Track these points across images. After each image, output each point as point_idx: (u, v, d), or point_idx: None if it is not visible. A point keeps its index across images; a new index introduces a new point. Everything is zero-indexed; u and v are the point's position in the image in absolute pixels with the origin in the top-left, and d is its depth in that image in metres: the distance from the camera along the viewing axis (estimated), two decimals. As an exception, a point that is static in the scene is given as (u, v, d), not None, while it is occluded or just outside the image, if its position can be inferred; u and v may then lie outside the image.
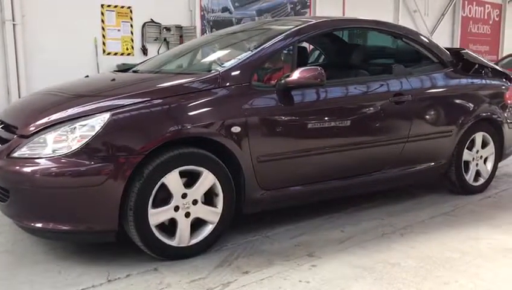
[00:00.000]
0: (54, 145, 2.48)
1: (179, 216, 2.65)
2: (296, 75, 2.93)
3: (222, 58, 3.44)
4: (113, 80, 3.24)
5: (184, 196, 2.65)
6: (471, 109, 3.88)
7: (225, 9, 8.91)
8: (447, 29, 13.37)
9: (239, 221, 3.06)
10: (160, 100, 2.67)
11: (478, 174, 4.09)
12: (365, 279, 2.49)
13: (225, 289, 2.38)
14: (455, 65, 3.96)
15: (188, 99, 2.72)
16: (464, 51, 4.15)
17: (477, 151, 4.03)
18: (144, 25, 7.89)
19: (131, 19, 7.77)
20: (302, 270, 2.59)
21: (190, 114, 2.69)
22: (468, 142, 3.93)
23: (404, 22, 11.06)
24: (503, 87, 4.21)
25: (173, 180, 2.60)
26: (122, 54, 7.73)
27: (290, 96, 3.00)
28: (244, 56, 3.01)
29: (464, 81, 3.96)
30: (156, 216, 2.58)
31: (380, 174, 3.48)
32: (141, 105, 2.61)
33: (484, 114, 3.97)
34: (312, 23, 3.41)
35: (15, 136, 2.63)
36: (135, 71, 3.69)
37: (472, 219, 3.43)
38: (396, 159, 3.54)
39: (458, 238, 3.06)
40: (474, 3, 14.00)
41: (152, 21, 7.96)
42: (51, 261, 2.70)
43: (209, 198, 2.77)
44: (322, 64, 4.59)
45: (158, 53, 7.48)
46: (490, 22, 14.64)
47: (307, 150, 3.07)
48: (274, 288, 2.39)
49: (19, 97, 6.42)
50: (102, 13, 7.46)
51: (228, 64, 2.99)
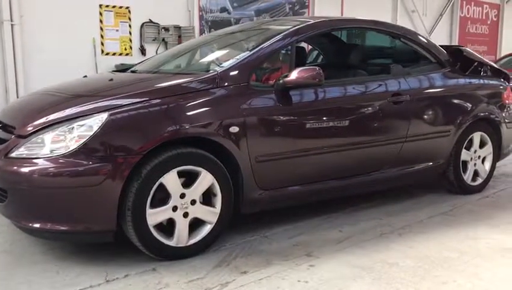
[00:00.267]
0: (52, 145, 2.48)
1: (177, 216, 2.65)
2: (294, 75, 2.93)
3: (220, 58, 3.44)
4: (111, 80, 3.24)
5: (182, 196, 2.65)
6: (469, 109, 3.88)
7: (223, 9, 8.90)
8: (445, 29, 13.38)
9: (237, 221, 3.06)
10: (158, 100, 2.66)
11: (476, 174, 4.09)
12: (363, 279, 2.49)
13: (223, 289, 2.38)
14: (453, 65, 3.96)
15: (186, 99, 2.72)
16: (464, 48, 4.16)
17: (475, 151, 4.04)
18: (142, 25, 7.88)
19: (129, 19, 7.76)
20: (301, 270, 2.59)
21: (188, 114, 2.69)
22: (466, 142, 3.94)
23: (402, 22, 11.07)
24: (501, 87, 4.22)
25: (171, 180, 2.60)
26: (120, 54, 7.72)
27: (288, 96, 3.00)
28: (242, 56, 3.01)
29: (462, 81, 3.96)
30: (154, 216, 2.58)
31: (379, 174, 3.49)
32: (139, 105, 2.60)
33: (482, 114, 3.98)
34: (310, 23, 3.42)
35: (13, 136, 2.63)
36: (133, 71, 3.69)
37: (470, 219, 3.44)
38: (394, 159, 3.54)
39: (456, 238, 3.06)
40: (472, 3, 14.02)
41: (150, 21, 7.95)
42: (49, 261, 2.69)
43: (207, 198, 2.77)
44: (320, 64, 4.59)
45: (156, 53, 7.48)
46: (488, 22, 14.65)
47: (305, 150, 3.08)
48: (272, 288, 2.39)
49: (17, 97, 6.41)
50: (100, 13, 7.45)
51: (226, 64, 2.99)
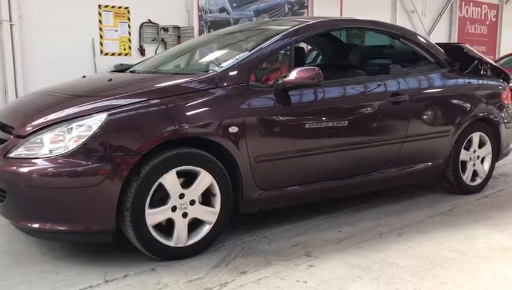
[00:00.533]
0: (51, 145, 2.48)
1: (177, 216, 2.65)
2: (294, 75, 2.93)
3: (220, 58, 3.43)
4: (110, 80, 3.24)
5: (181, 196, 2.65)
6: (468, 109, 3.88)
7: (223, 9, 8.91)
8: (444, 29, 13.41)
9: (237, 221, 3.06)
10: (157, 100, 2.66)
11: (475, 174, 4.09)
12: (363, 279, 2.49)
13: (223, 289, 2.38)
14: (452, 65, 3.96)
15: (186, 99, 2.72)
16: (464, 45, 4.17)
17: (474, 151, 4.04)
18: (142, 26, 7.89)
19: (128, 20, 7.77)
20: (300, 270, 2.59)
21: (187, 114, 2.69)
22: (465, 142, 3.94)
23: (401, 22, 11.09)
24: (500, 87, 4.22)
25: (170, 180, 2.60)
26: (119, 55, 7.73)
27: (288, 96, 3.00)
28: (241, 56, 3.01)
29: (461, 81, 3.97)
30: (153, 216, 2.58)
31: (378, 174, 3.49)
32: (138, 105, 2.60)
33: (481, 114, 3.98)
34: (309, 23, 3.41)
35: (12, 136, 2.63)
36: (132, 71, 3.68)
37: (470, 219, 3.44)
38: (393, 159, 3.54)
39: (456, 238, 3.07)
40: (471, 3, 14.04)
41: (150, 21, 7.96)
42: (48, 261, 2.69)
43: (206, 198, 2.77)
44: (320, 64, 4.59)
45: (156, 53, 7.48)
46: (487, 23, 14.68)
47: (305, 150, 3.07)
48: (271, 288, 2.39)
49: (16, 97, 6.40)
50: (99, 13, 7.46)
51: (226, 64, 2.99)
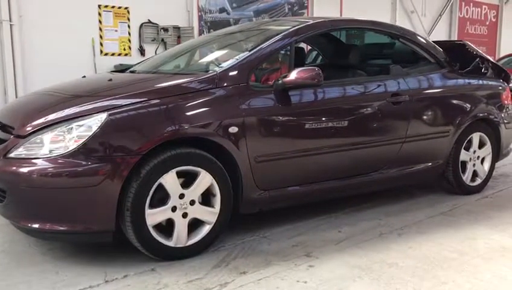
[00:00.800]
0: (51, 145, 2.48)
1: (176, 216, 2.64)
2: (294, 75, 2.93)
3: (220, 58, 3.43)
4: (110, 80, 3.24)
5: (181, 196, 2.65)
6: (468, 110, 3.89)
7: (222, 10, 8.91)
8: (444, 30, 13.41)
9: (236, 221, 3.06)
10: (157, 100, 2.66)
11: (475, 174, 4.09)
12: (363, 279, 2.49)
13: (222, 289, 2.38)
14: (452, 65, 3.96)
15: (186, 99, 2.72)
16: (466, 42, 4.17)
17: (474, 151, 4.04)
18: (142, 26, 7.89)
19: (128, 20, 7.77)
20: (300, 270, 2.59)
21: (187, 114, 2.69)
22: (465, 142, 3.94)
23: (401, 23, 11.09)
24: (500, 87, 4.22)
25: (170, 180, 2.59)
26: (119, 55, 7.73)
27: (288, 96, 3.00)
28: (241, 56, 3.01)
29: (461, 81, 3.97)
30: (153, 216, 2.58)
31: (378, 174, 3.49)
32: (138, 105, 2.60)
33: (481, 114, 3.98)
34: (309, 23, 3.41)
35: (12, 136, 2.63)
36: (132, 71, 3.68)
37: (469, 219, 3.44)
38: (393, 160, 3.54)
39: (456, 238, 3.07)
40: (471, 4, 14.05)
41: (149, 22, 7.96)
42: (48, 261, 2.69)
43: (206, 198, 2.77)
44: (320, 64, 4.59)
45: (155, 53, 7.48)
46: (487, 23, 14.69)
47: (305, 151, 3.07)
48: (271, 288, 2.38)
49: (16, 97, 6.40)
50: (99, 14, 7.46)
51: (226, 64, 2.99)
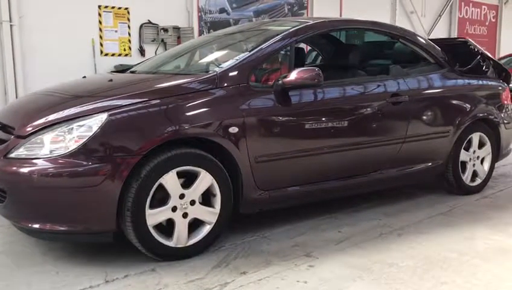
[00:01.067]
0: (51, 145, 2.48)
1: (177, 217, 2.65)
2: (294, 75, 2.93)
3: (220, 58, 3.44)
4: (110, 81, 3.24)
5: (182, 197, 2.65)
6: (468, 110, 3.89)
7: (222, 10, 8.91)
8: (444, 30, 13.41)
9: (237, 221, 3.07)
10: (157, 100, 2.66)
11: (475, 174, 4.10)
12: (363, 279, 2.49)
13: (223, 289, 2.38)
14: (452, 66, 3.97)
15: (186, 99, 2.72)
16: (468, 39, 4.18)
17: (474, 151, 4.04)
18: (141, 26, 7.89)
19: (128, 20, 7.77)
20: (300, 270, 2.59)
21: (188, 114, 2.69)
22: (465, 142, 3.94)
23: (401, 23, 11.09)
24: (499, 88, 4.22)
25: (171, 180, 2.60)
26: (119, 55, 7.73)
27: (288, 96, 3.00)
28: (241, 57, 3.01)
29: (461, 81, 3.97)
30: (154, 217, 2.58)
31: (378, 174, 3.49)
32: (139, 105, 2.60)
33: (481, 114, 3.99)
34: (309, 24, 3.42)
35: (12, 136, 2.63)
36: (133, 72, 3.69)
37: (469, 219, 3.44)
38: (393, 160, 3.55)
39: (455, 238, 3.07)
40: (470, 4, 14.05)
41: (149, 22, 7.96)
42: (49, 262, 2.69)
43: (206, 198, 2.77)
44: (320, 65, 4.59)
45: (155, 54, 7.48)
46: (487, 23, 14.69)
47: (305, 151, 3.08)
48: (272, 288, 2.39)
49: (16, 98, 6.40)
50: (99, 14, 7.46)
51: (226, 64, 2.99)
